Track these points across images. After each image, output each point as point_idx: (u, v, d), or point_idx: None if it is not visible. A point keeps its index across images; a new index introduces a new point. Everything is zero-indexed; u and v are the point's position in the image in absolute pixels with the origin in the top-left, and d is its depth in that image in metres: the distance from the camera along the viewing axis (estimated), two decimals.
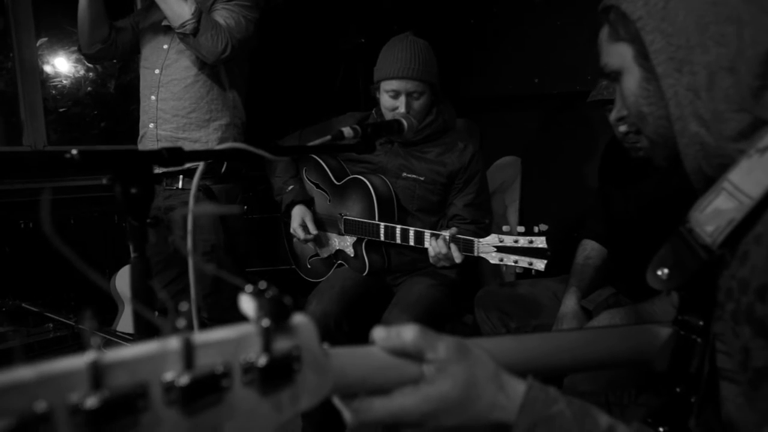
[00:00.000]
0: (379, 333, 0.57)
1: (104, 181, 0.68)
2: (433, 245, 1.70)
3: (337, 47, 3.19)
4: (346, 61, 3.14)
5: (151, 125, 2.12)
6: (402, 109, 1.89)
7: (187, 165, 2.08)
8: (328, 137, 1.02)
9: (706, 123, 0.67)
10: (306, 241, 2.09)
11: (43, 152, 3.01)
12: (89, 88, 3.42)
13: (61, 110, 3.30)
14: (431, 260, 1.74)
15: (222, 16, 2.00)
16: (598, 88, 1.69)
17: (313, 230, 2.06)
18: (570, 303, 1.73)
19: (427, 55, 1.93)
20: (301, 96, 3.59)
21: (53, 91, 3.26)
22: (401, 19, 3.59)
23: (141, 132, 2.18)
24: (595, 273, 1.81)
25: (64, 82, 3.32)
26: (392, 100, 1.91)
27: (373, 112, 2.09)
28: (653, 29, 0.70)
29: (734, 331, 0.61)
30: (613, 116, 0.88)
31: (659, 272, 0.70)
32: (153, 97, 2.11)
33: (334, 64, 3.26)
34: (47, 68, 3.17)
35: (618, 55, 0.78)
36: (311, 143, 0.98)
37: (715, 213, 0.64)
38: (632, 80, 0.77)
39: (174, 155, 0.74)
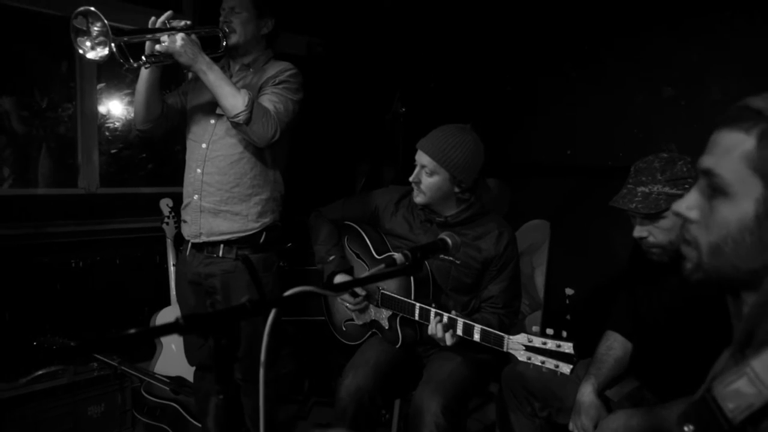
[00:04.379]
0: None
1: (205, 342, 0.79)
2: (432, 325, 1.82)
3: (379, 116, 3.33)
4: (388, 128, 3.28)
5: (196, 197, 2.19)
6: (412, 178, 2.02)
7: (226, 237, 2.18)
8: (382, 266, 1.12)
9: None
10: (357, 304, 2.14)
11: (96, 195, 3.20)
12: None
13: (112, 152, 3.48)
14: (429, 333, 1.85)
15: (271, 101, 2.07)
16: (618, 195, 1.68)
17: (362, 291, 2.13)
18: (586, 392, 1.78)
19: (455, 143, 1.95)
20: (342, 160, 3.74)
21: (106, 133, 3.44)
22: (440, 82, 3.73)
23: (185, 201, 2.27)
24: (615, 364, 1.84)
25: (117, 124, 3.49)
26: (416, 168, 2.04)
27: None
28: None
29: None
30: (636, 233, 0.87)
31: (686, 428, 0.76)
32: (199, 170, 2.18)
33: (376, 131, 3.39)
34: (101, 109, 3.33)
35: (741, 181, 0.72)
36: (365, 275, 1.07)
37: (736, 393, 0.72)
38: (736, 216, 0.73)
39: (256, 306, 0.85)
